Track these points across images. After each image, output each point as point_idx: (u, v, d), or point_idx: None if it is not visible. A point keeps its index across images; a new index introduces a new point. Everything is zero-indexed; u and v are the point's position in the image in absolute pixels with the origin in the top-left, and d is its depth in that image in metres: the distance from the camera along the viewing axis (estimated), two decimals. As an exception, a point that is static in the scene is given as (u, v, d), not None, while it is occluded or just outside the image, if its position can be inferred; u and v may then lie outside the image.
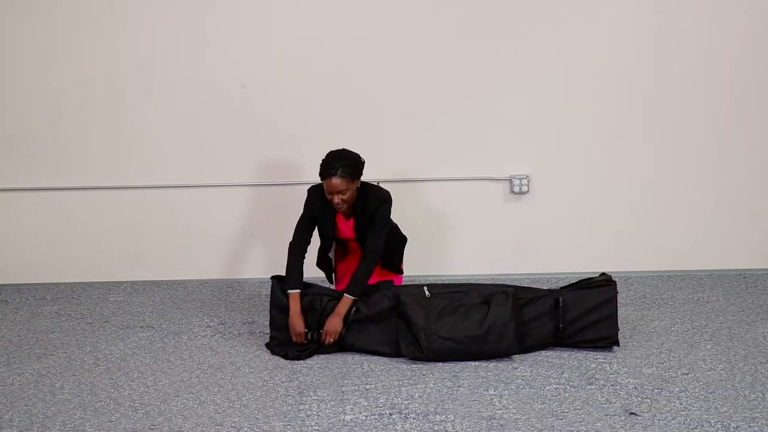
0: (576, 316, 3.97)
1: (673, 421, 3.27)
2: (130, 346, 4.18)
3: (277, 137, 5.06)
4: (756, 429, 3.20)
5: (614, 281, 4.05)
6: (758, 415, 3.31)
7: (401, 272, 4.41)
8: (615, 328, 3.97)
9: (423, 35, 4.94)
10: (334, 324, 3.95)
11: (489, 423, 3.29)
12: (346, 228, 4.23)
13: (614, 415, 3.34)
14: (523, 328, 3.94)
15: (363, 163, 4.08)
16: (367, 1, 4.96)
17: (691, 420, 3.27)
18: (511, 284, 4.27)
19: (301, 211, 4.21)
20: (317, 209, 4.17)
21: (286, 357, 3.95)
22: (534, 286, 4.36)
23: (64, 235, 5.19)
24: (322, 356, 3.97)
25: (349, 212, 4.18)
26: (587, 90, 5.00)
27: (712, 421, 3.26)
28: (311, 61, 4.98)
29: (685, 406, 3.39)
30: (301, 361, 3.92)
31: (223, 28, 4.97)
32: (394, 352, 3.94)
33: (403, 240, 4.40)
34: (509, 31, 4.93)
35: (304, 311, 4.01)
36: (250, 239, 5.19)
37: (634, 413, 3.34)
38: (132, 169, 5.12)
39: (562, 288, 4.15)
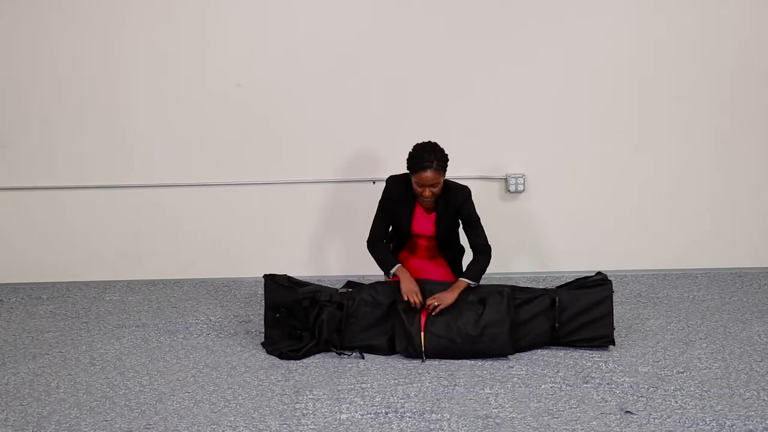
0: (572, 315, 3.98)
1: (668, 420, 3.27)
2: (126, 345, 4.18)
3: (276, 137, 5.04)
4: (751, 427, 3.20)
5: (610, 280, 4.06)
6: (753, 413, 3.31)
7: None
8: (611, 327, 3.97)
9: (419, 35, 4.93)
10: (447, 297, 3.95)
11: (485, 421, 3.29)
12: (426, 221, 4.19)
13: (610, 413, 3.34)
14: (520, 328, 3.95)
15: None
16: (365, 1, 4.96)
17: (686, 418, 3.28)
18: (507, 284, 4.28)
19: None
20: (399, 199, 4.15)
21: (280, 356, 3.95)
22: (530, 285, 4.37)
23: (60, 234, 5.18)
24: (317, 355, 3.97)
25: (432, 206, 4.16)
26: (584, 89, 5.00)
27: (707, 419, 3.27)
28: (310, 61, 4.97)
29: (681, 405, 3.40)
30: (297, 361, 3.92)
31: (223, 26, 4.96)
32: (390, 349, 3.95)
33: None
34: (505, 29, 4.93)
35: (297, 312, 4.01)
36: (246, 238, 5.18)
37: (629, 412, 3.34)
38: (127, 169, 5.11)
39: (558, 287, 4.16)
